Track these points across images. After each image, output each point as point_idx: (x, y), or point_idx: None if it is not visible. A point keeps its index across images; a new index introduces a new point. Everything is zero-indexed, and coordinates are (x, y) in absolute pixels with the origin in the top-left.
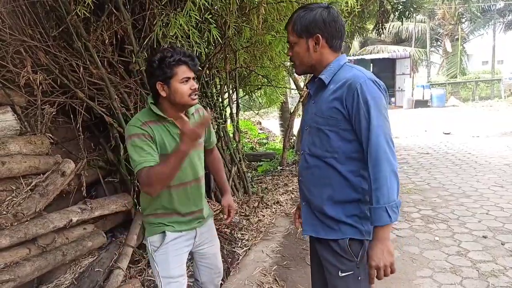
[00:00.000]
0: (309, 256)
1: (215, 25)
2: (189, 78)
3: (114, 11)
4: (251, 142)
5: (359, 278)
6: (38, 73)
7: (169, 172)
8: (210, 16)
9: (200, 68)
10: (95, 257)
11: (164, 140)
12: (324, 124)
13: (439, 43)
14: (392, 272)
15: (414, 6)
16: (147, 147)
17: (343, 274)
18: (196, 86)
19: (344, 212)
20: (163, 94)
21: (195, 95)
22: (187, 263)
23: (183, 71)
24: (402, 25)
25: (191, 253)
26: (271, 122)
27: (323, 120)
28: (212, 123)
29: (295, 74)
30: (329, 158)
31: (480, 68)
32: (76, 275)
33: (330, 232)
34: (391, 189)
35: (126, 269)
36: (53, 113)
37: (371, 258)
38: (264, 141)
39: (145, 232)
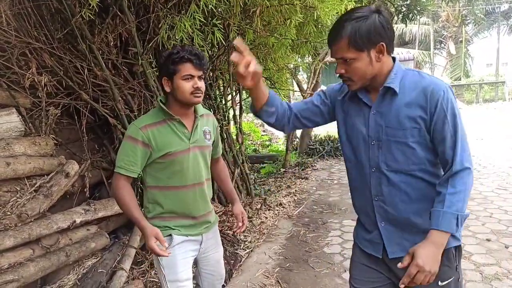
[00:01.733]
0: (312, 259)
1: (218, 28)
2: (192, 76)
3: (119, 13)
4: (254, 144)
5: (459, 279)
6: (43, 74)
7: (123, 208)
8: (214, 18)
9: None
10: (98, 258)
11: (168, 140)
12: (406, 136)
13: (443, 45)
14: (429, 281)
15: (418, 8)
16: (133, 155)
17: (444, 283)
18: (200, 85)
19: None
20: (167, 89)
21: (199, 94)
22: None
23: (186, 69)
24: (406, 27)
25: (195, 260)
26: None
27: (405, 132)
28: (219, 134)
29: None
30: (417, 170)
31: (484, 71)
32: (80, 276)
33: None
34: (466, 200)
35: (129, 270)
36: (58, 115)
37: (420, 257)
38: (267, 143)
39: None
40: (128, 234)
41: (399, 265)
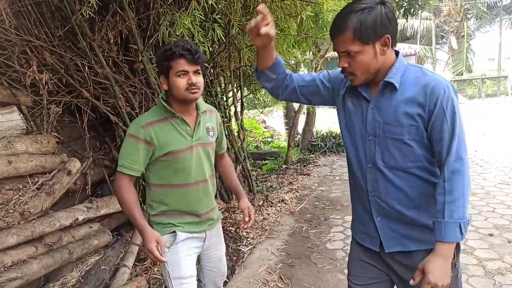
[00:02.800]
0: (314, 255)
1: (219, 24)
2: (186, 71)
3: (119, 10)
4: (256, 141)
5: (458, 275)
6: (44, 72)
7: (124, 209)
8: (215, 13)
9: (206, 65)
10: (101, 255)
11: (171, 138)
12: (403, 133)
13: (444, 40)
14: None
15: (420, 2)
16: (136, 154)
17: None
18: (195, 80)
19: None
20: (165, 87)
21: (194, 89)
22: None
23: (179, 64)
24: (407, 22)
25: (197, 256)
26: (276, 121)
27: (402, 129)
28: (223, 129)
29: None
30: (413, 168)
31: (486, 65)
32: (83, 273)
33: (424, 242)
34: (466, 204)
35: (132, 267)
36: (59, 113)
37: (431, 272)
38: (269, 139)
39: None
40: (131, 231)
41: (411, 282)
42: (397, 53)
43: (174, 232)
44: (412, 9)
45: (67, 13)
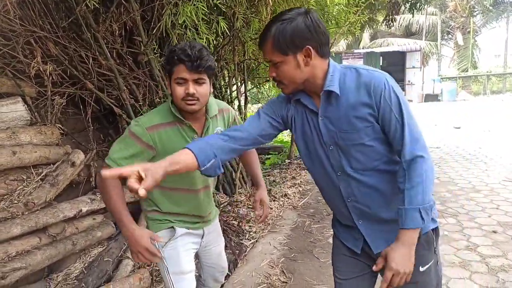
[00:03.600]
0: (317, 249)
1: (223, 17)
2: (184, 79)
3: (123, 2)
4: None
5: (438, 262)
6: (48, 63)
7: (106, 203)
8: (220, 2)
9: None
10: (104, 247)
11: (176, 145)
12: (361, 137)
13: (450, 36)
14: (406, 281)
15: None
16: (131, 154)
17: (425, 267)
18: (193, 90)
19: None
20: (169, 90)
21: (191, 101)
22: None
23: (179, 71)
24: (412, 17)
25: (197, 253)
26: None
27: (359, 133)
28: (240, 121)
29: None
30: (380, 164)
31: (492, 62)
32: (86, 264)
33: None
34: (426, 189)
35: None
36: (63, 104)
37: (393, 260)
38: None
39: (149, 228)
40: None
41: (374, 268)
42: (333, 62)
43: (173, 227)
44: (418, 4)
45: (71, 4)
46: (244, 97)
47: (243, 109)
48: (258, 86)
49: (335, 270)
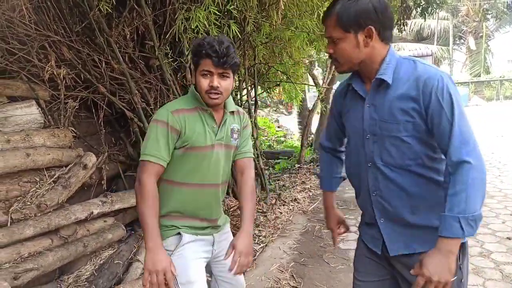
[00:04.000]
0: (327, 254)
1: (234, 21)
2: (210, 72)
3: (136, 7)
4: (269, 140)
5: (462, 280)
6: (62, 67)
7: (139, 210)
8: (231, 6)
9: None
10: (115, 250)
11: (196, 130)
12: (399, 130)
13: (462, 40)
14: None
15: (438, 1)
16: (163, 142)
17: None
18: (217, 83)
19: (438, 216)
20: (193, 80)
21: (214, 94)
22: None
23: (205, 64)
24: (424, 22)
25: (209, 267)
26: (289, 120)
27: (398, 126)
28: (249, 132)
29: (314, 71)
30: (413, 166)
31: (505, 67)
32: (96, 266)
33: (428, 242)
34: (470, 199)
35: None
36: (76, 107)
37: (426, 267)
38: (282, 139)
39: None
40: None
41: (411, 272)
42: (394, 51)
43: (179, 234)
44: (430, 8)
45: (85, 9)
46: (254, 100)
47: (253, 112)
48: (268, 90)
49: (355, 271)
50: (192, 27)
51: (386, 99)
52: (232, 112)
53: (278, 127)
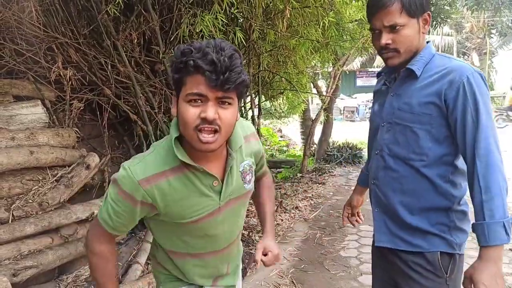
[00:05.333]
0: (327, 261)
1: (240, 28)
2: (201, 97)
3: (143, 12)
4: (271, 149)
5: None
6: (68, 69)
7: (93, 276)
8: (237, 12)
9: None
10: None
11: (187, 202)
12: (413, 121)
13: (466, 57)
14: None
15: (442, 16)
16: (124, 218)
17: None
18: (212, 115)
19: (430, 221)
20: (173, 111)
21: (209, 132)
22: None
23: (194, 84)
24: (428, 36)
25: None
26: (292, 130)
27: (413, 116)
28: (262, 155)
29: (317, 82)
30: (416, 161)
31: (509, 83)
32: None
33: (414, 245)
34: (505, 201)
35: (144, 264)
36: (81, 108)
37: (481, 282)
38: (284, 148)
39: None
40: (144, 229)
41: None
42: (430, 45)
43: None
44: (434, 23)
45: (93, 13)
46: (257, 108)
47: (257, 119)
48: (272, 99)
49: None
50: (197, 30)
51: (410, 90)
52: (240, 147)
53: (281, 136)
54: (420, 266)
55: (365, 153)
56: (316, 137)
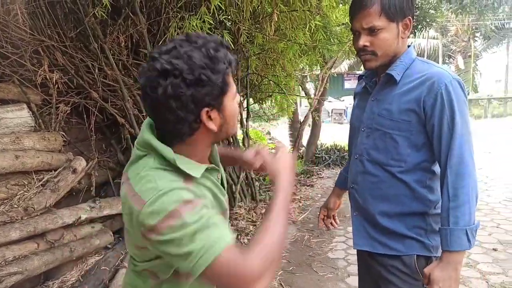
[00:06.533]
0: (315, 263)
1: (228, 31)
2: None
3: (131, 15)
4: None
5: None
6: (55, 72)
7: (281, 238)
8: (225, 17)
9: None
10: (102, 256)
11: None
12: (393, 128)
13: (451, 60)
14: None
15: (427, 20)
16: (219, 218)
17: None
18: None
19: (407, 225)
20: (213, 127)
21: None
22: None
23: (232, 81)
24: (414, 39)
25: None
26: (281, 132)
27: (393, 123)
28: None
29: (306, 85)
30: (395, 167)
31: (493, 86)
32: (82, 272)
33: (391, 248)
34: (472, 209)
35: None
36: (67, 112)
37: (436, 282)
38: (273, 151)
39: None
40: None
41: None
42: (412, 49)
43: None
44: (420, 26)
45: (80, 16)
46: (246, 111)
47: (245, 121)
48: (260, 102)
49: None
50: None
51: (390, 95)
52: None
53: (269, 139)
54: (398, 270)
55: None
56: (305, 140)
